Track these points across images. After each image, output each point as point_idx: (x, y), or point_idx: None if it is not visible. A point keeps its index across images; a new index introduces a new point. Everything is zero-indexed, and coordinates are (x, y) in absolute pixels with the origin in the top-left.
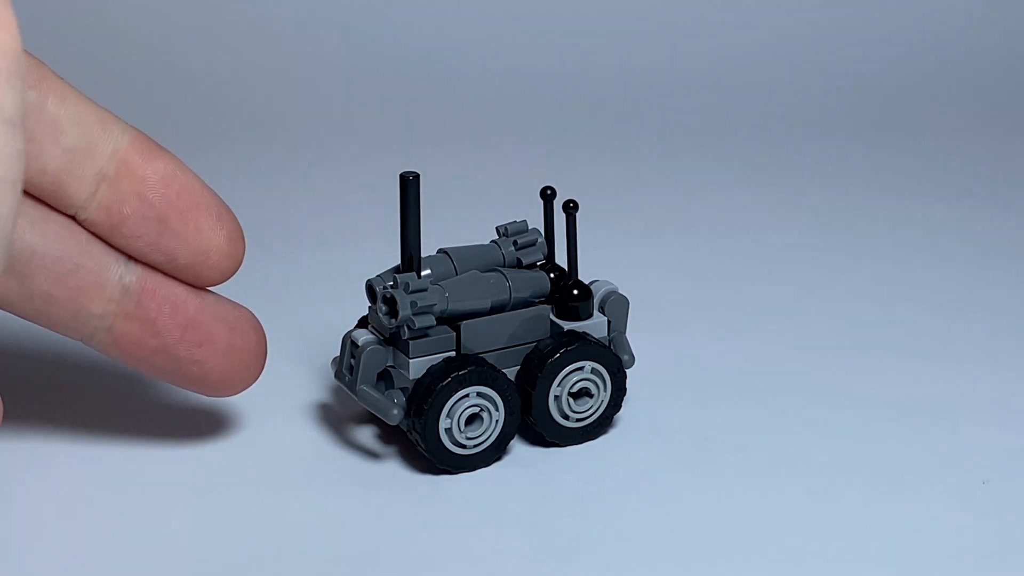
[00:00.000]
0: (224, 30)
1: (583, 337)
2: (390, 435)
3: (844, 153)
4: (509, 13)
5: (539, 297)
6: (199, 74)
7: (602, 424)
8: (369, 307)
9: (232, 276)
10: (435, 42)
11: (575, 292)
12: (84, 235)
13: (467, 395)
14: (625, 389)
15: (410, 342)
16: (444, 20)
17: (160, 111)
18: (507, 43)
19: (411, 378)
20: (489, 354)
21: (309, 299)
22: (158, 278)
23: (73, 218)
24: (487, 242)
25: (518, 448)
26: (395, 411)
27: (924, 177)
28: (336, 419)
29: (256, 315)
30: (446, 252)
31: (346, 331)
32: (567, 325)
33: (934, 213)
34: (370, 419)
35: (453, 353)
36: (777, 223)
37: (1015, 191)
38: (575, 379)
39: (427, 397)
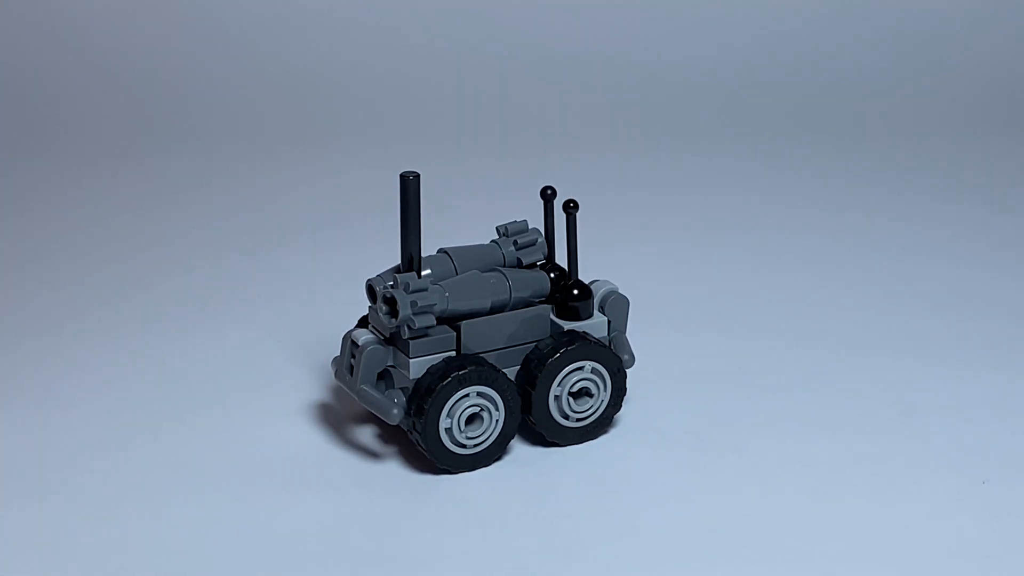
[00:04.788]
0: (224, 30)
1: (583, 337)
2: (390, 435)
3: (845, 153)
4: (509, 13)
5: (539, 297)
6: (199, 74)
7: (602, 424)
8: (369, 307)
9: None
10: (435, 42)
11: (575, 292)
12: None
13: (467, 395)
14: (625, 389)
15: (410, 342)
16: (444, 20)
17: (160, 112)
18: (507, 43)
19: (411, 378)
20: (489, 354)
21: (309, 299)
22: None
23: None
24: (487, 242)
25: (518, 448)
26: (395, 411)
27: (923, 177)
28: (336, 419)
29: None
30: (446, 252)
31: (346, 331)
32: (567, 325)
33: (933, 213)
34: (370, 419)
35: (453, 353)
36: (777, 223)
37: (1014, 191)
38: (575, 379)
39: (427, 397)
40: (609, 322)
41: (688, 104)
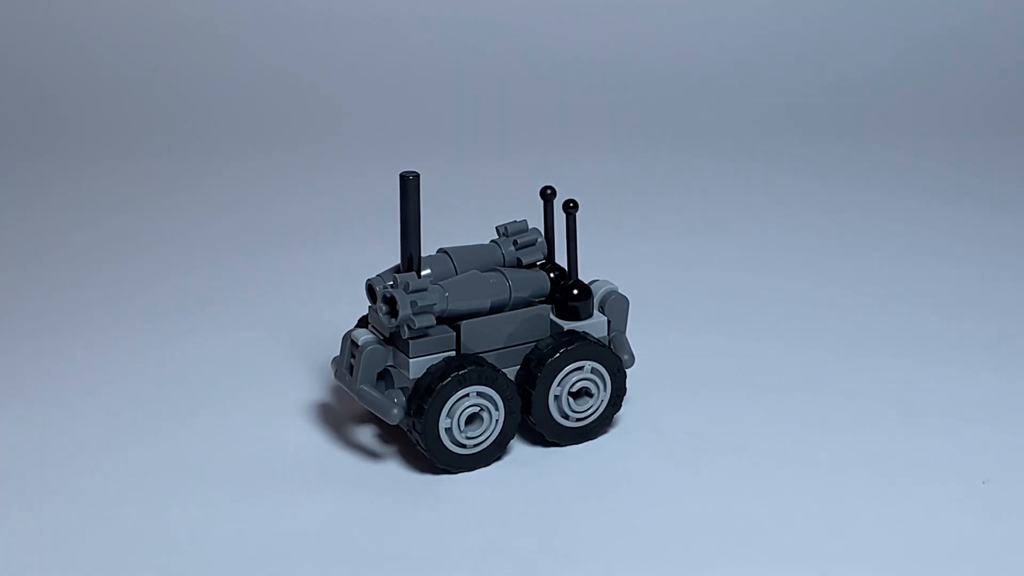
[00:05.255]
0: (223, 30)
1: (583, 337)
2: (390, 435)
3: (844, 153)
4: (509, 13)
5: (539, 297)
6: (199, 75)
7: (602, 424)
8: (369, 307)
9: None
10: (435, 42)
11: (575, 292)
12: None
13: (467, 395)
14: (625, 389)
15: (410, 342)
16: (444, 20)
17: (160, 112)
18: (507, 43)
19: (411, 378)
20: (489, 354)
21: (309, 299)
22: None
23: None
24: (487, 242)
25: (518, 448)
26: (395, 411)
27: (923, 177)
28: (336, 419)
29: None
30: (446, 252)
31: (346, 331)
32: (567, 325)
33: (933, 214)
34: (370, 419)
35: (453, 353)
36: (777, 223)
37: (1013, 192)
38: (575, 379)
39: (427, 397)
40: (609, 322)
41: (688, 104)
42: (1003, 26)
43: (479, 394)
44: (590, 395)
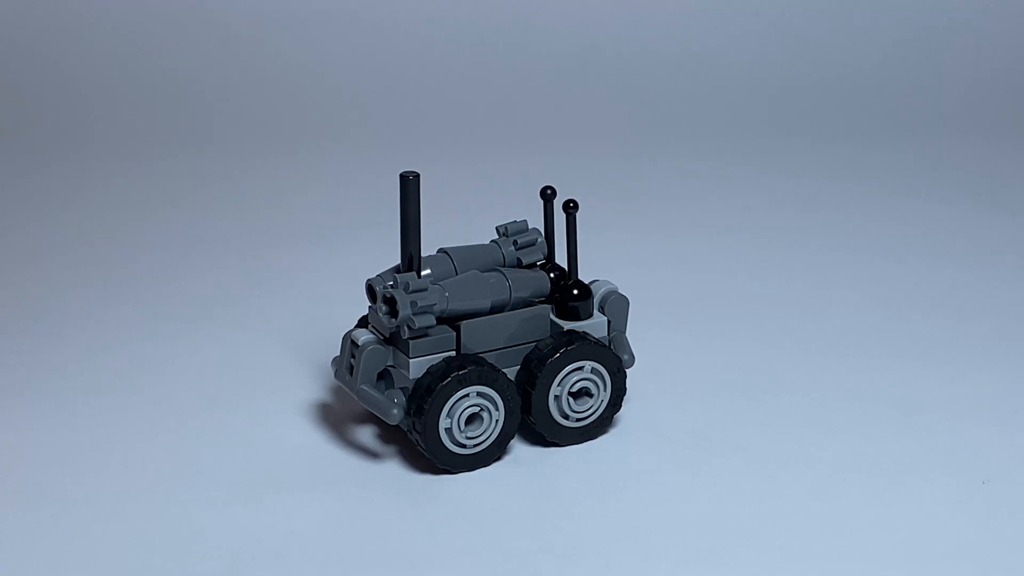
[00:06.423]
0: (224, 30)
1: (583, 337)
2: (390, 435)
3: (844, 154)
4: (509, 12)
5: (539, 297)
6: (200, 74)
7: (602, 424)
8: (369, 307)
9: None
10: (435, 42)
11: (575, 292)
12: None
13: (467, 395)
14: (625, 389)
15: (410, 342)
16: (444, 20)
17: (161, 112)
18: (507, 43)
19: (411, 378)
20: (489, 354)
21: (309, 298)
22: None
23: None
24: (487, 242)
25: (518, 448)
26: (395, 411)
27: (924, 178)
28: (336, 419)
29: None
30: (446, 252)
31: (346, 331)
32: (567, 325)
33: (933, 214)
34: (370, 419)
35: (453, 353)
36: (778, 224)
37: (1014, 192)
38: (575, 379)
39: (427, 397)
40: (609, 322)
41: (688, 105)
42: (1004, 25)
43: (479, 394)
44: (590, 395)
